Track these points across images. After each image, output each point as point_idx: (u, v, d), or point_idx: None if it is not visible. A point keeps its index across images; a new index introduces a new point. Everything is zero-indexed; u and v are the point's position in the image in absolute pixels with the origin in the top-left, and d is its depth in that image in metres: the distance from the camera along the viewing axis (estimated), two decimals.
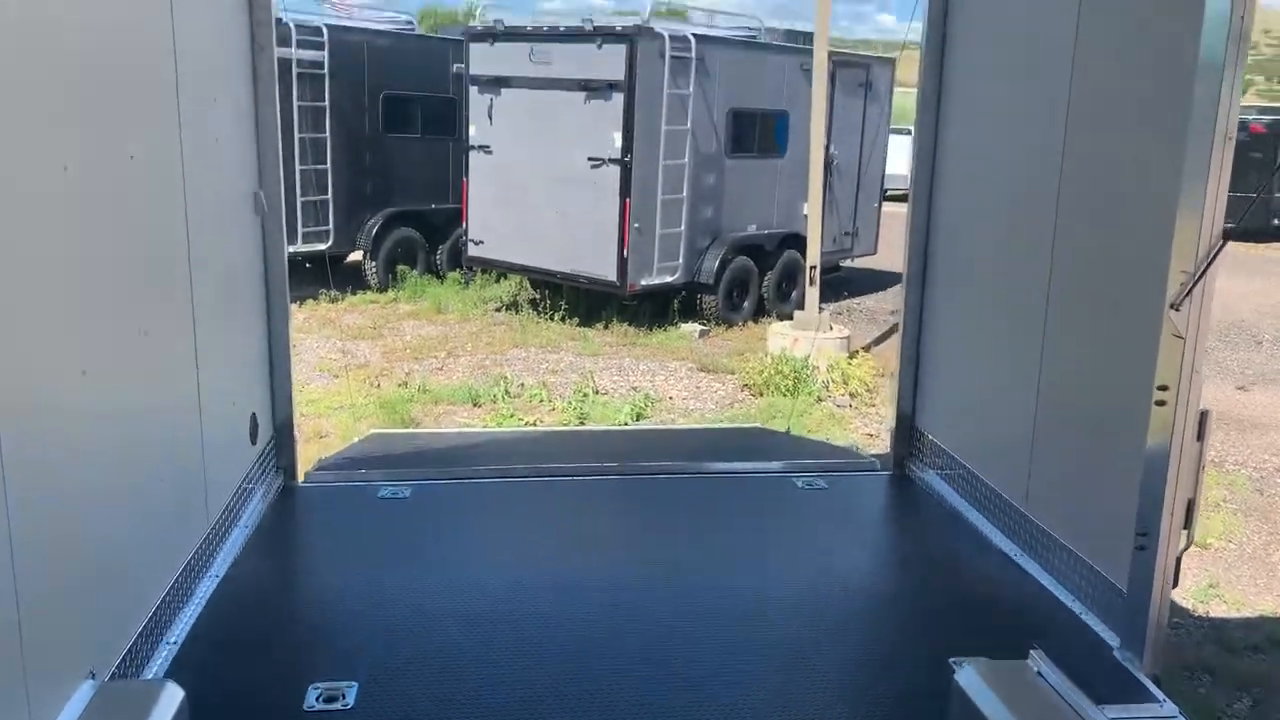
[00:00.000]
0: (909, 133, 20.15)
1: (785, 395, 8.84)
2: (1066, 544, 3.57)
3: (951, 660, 2.79)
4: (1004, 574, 3.77)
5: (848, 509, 4.53)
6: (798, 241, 13.12)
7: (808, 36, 13.37)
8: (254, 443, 4.28)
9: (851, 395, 8.97)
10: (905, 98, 17.41)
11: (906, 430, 4.94)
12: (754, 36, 13.00)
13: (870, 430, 8.17)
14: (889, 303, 14.60)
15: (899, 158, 17.82)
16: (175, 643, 3.07)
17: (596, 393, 8.98)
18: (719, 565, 3.87)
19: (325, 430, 8.05)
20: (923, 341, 4.86)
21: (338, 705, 2.76)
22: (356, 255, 13.94)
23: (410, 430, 7.11)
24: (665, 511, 4.41)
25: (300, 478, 4.76)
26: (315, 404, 8.68)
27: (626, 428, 7.29)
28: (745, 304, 12.58)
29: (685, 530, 4.20)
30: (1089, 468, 3.44)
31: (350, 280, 13.61)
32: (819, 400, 8.92)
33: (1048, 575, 3.64)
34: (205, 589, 3.42)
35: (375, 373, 9.84)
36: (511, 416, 8.22)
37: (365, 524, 4.21)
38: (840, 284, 14.55)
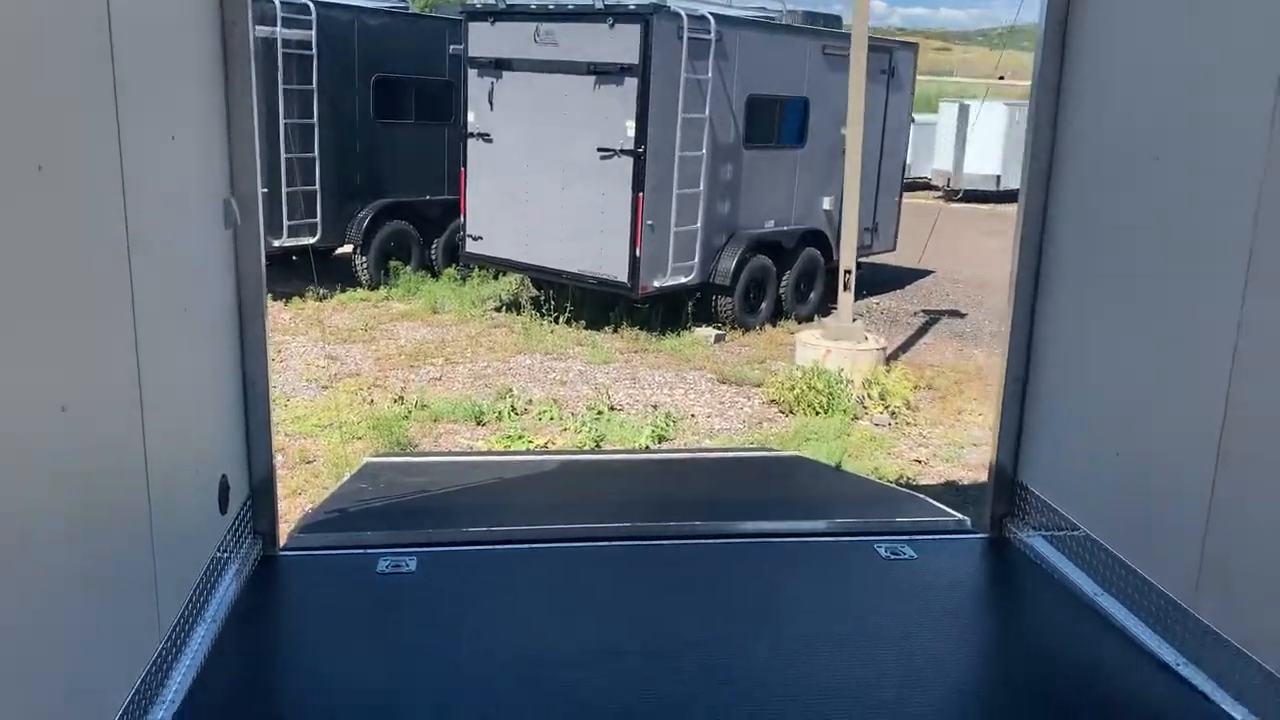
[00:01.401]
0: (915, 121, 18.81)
1: (819, 414, 8.06)
2: (1271, 670, 2.77)
3: None
4: (1165, 691, 3.00)
5: (949, 588, 3.73)
6: (817, 239, 12.33)
7: (828, 19, 12.55)
8: (224, 511, 3.47)
9: (892, 414, 8.19)
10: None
11: (1007, 485, 4.15)
12: (773, 18, 12.15)
13: (917, 455, 7.40)
14: (909, 302, 13.83)
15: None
16: None
17: (612, 409, 8.18)
18: (801, 663, 3.09)
19: (312, 454, 7.24)
20: (1032, 374, 4.06)
21: None
22: (346, 248, 13.08)
23: (409, 458, 6.29)
24: (726, 589, 3.62)
25: (282, 540, 3.96)
26: (301, 421, 7.86)
27: (650, 455, 6.48)
28: (763, 306, 11.77)
29: (751, 618, 3.41)
30: None
31: (340, 275, 12.75)
32: (855, 419, 8.14)
33: (1235, 702, 2.85)
34: (164, 714, 2.64)
35: (367, 384, 9.01)
36: (520, 437, 7.41)
37: (363, 612, 3.41)
38: (857, 283, 13.77)
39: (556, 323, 11.16)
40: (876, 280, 14.49)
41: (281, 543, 3.94)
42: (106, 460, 2.44)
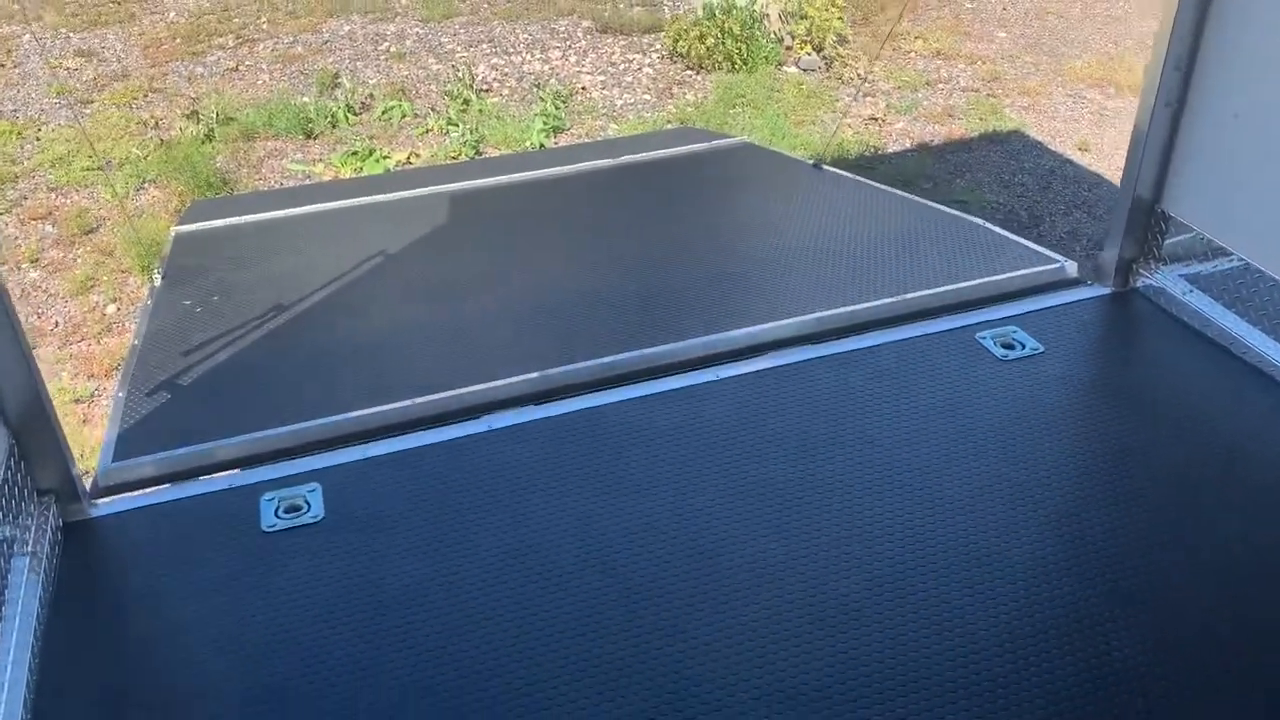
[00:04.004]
0: None
1: (736, 68, 6.45)
2: None
3: None
4: None
5: (1112, 393, 2.61)
6: None
7: None
8: None
9: (825, 57, 6.64)
10: None
11: (1142, 217, 2.94)
12: None
13: (870, 110, 6.01)
14: None
15: None
16: None
17: (479, 93, 6.35)
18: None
19: (94, 215, 5.31)
20: (1200, 66, 2.72)
21: None
22: None
23: (233, 218, 4.42)
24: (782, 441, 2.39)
25: (89, 486, 2.44)
26: (65, 165, 5.77)
27: (556, 167, 4.85)
28: None
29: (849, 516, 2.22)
30: None
31: None
32: (779, 66, 6.58)
33: None
34: None
35: (141, 90, 6.77)
36: (371, 154, 5.62)
37: (259, 624, 2.04)
38: None
39: None
40: None
41: (90, 484, 2.43)
42: None
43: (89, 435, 3.77)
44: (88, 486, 2.37)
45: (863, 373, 2.65)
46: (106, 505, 2.35)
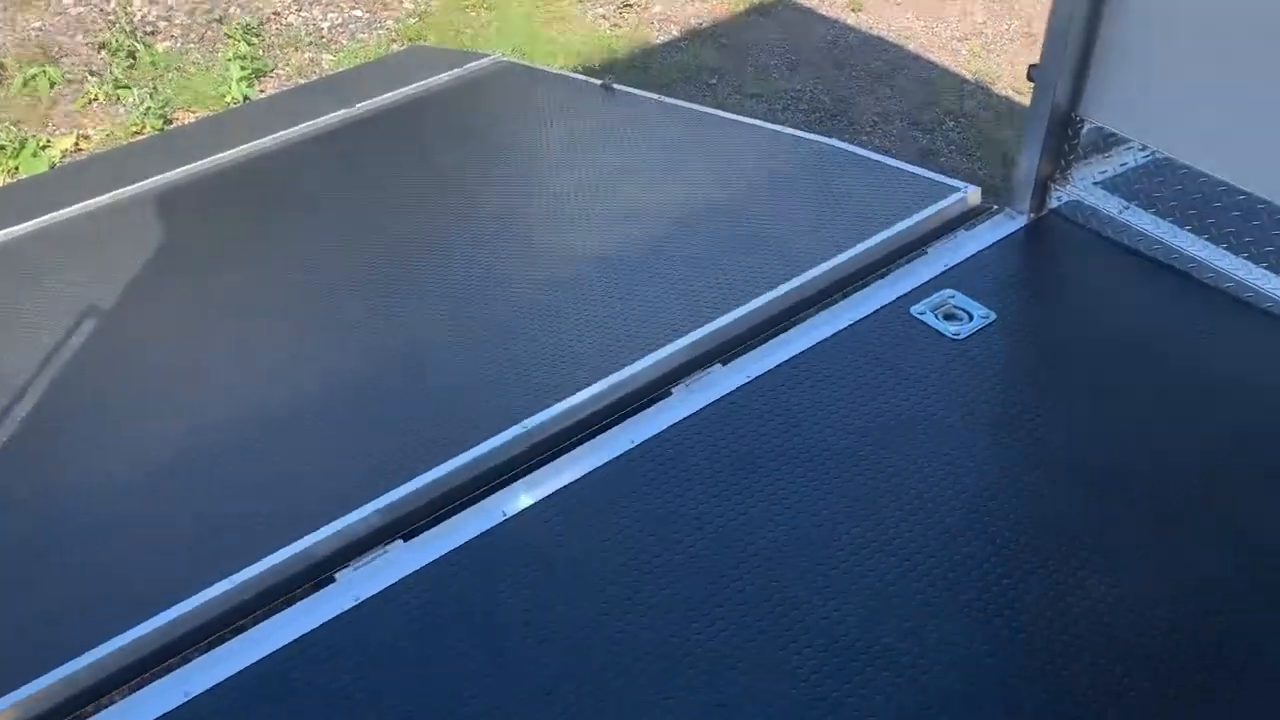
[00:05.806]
0: None
1: None
2: None
3: None
4: None
5: (1100, 371, 2.25)
6: None
7: None
8: None
9: None
10: None
11: (1059, 129, 2.59)
12: None
13: (604, 11, 5.25)
14: None
15: None
16: None
17: (145, 39, 5.07)
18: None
19: None
20: None
21: None
22: None
23: None
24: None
25: None
26: None
27: (288, 129, 3.86)
28: None
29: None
30: None
31: None
32: None
33: None
34: None
35: None
36: (25, 148, 4.32)
37: None
38: None
39: None
40: None
41: None
42: None
43: None
44: None
45: (802, 391, 2.14)
46: None
